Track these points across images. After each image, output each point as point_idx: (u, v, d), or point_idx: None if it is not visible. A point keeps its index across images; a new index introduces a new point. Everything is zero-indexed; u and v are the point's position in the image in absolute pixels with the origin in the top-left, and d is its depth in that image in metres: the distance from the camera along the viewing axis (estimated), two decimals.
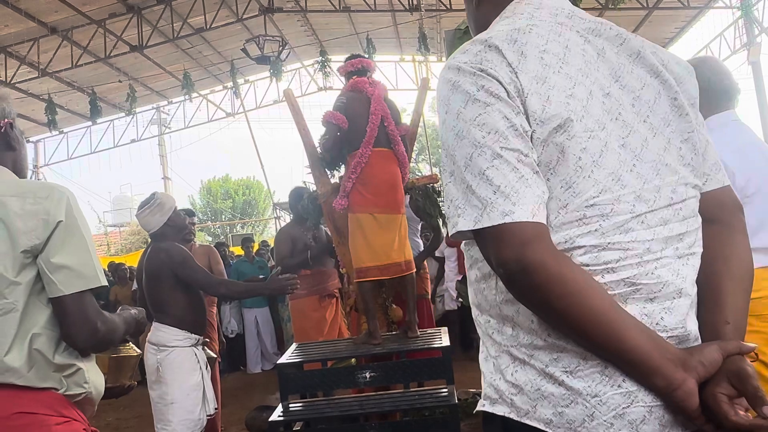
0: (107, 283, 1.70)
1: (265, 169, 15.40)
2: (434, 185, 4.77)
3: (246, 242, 8.85)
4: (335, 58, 16.06)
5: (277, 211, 19.06)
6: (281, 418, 3.45)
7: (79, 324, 1.57)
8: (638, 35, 1.17)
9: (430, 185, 4.76)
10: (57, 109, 13.58)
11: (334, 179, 4.26)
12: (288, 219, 5.69)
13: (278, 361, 3.87)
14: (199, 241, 6.22)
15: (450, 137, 1.05)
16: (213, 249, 5.75)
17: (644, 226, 1.03)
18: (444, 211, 1.10)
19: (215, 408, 3.65)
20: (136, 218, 3.72)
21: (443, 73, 1.09)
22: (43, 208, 1.56)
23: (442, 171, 1.10)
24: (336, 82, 17.52)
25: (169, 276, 3.40)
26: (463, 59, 1.06)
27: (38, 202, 1.57)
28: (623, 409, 0.98)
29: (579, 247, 1.01)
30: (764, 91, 12.62)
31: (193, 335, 3.47)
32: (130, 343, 2.14)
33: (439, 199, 4.78)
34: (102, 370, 1.78)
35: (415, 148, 9.58)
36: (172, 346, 3.37)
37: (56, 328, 1.59)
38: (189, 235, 4.40)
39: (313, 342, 4.45)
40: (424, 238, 5.60)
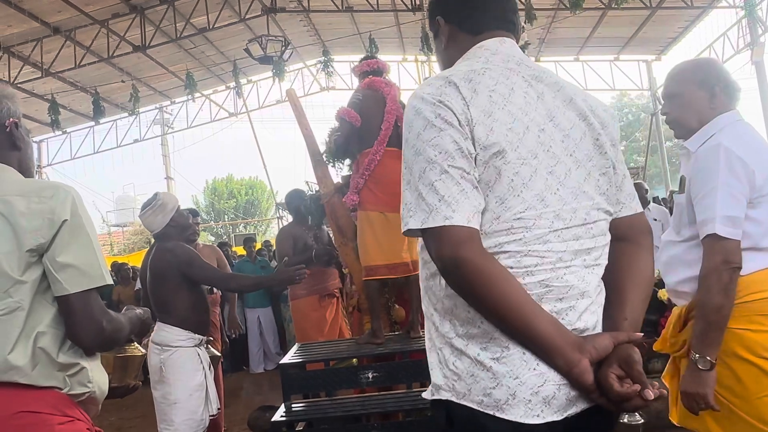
0: (112, 282, 1.70)
1: (268, 169, 15.45)
2: None
3: (248, 242, 8.86)
4: (338, 58, 16.07)
5: (280, 211, 19.06)
6: (284, 419, 3.44)
7: (84, 323, 1.57)
8: (571, 85, 1.40)
9: None
10: (60, 109, 13.59)
11: (337, 178, 4.26)
12: (290, 219, 5.68)
13: (281, 361, 3.86)
14: (202, 242, 6.21)
15: (410, 153, 1.28)
16: (218, 249, 5.76)
17: (560, 239, 1.27)
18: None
19: (218, 408, 3.64)
20: (139, 219, 3.72)
21: (410, 100, 1.32)
22: (48, 207, 1.56)
23: (402, 180, 1.31)
24: (338, 82, 17.54)
25: (175, 276, 3.40)
26: (427, 91, 1.29)
27: (43, 201, 1.57)
28: (538, 387, 1.21)
29: (506, 252, 1.25)
30: None
31: (197, 335, 3.47)
32: (134, 342, 2.14)
33: None
34: (107, 370, 1.78)
35: None
36: (176, 346, 3.37)
37: (61, 326, 1.59)
38: (193, 235, 4.40)
39: (316, 342, 4.45)
40: None
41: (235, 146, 48.99)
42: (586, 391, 1.21)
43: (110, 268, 9.67)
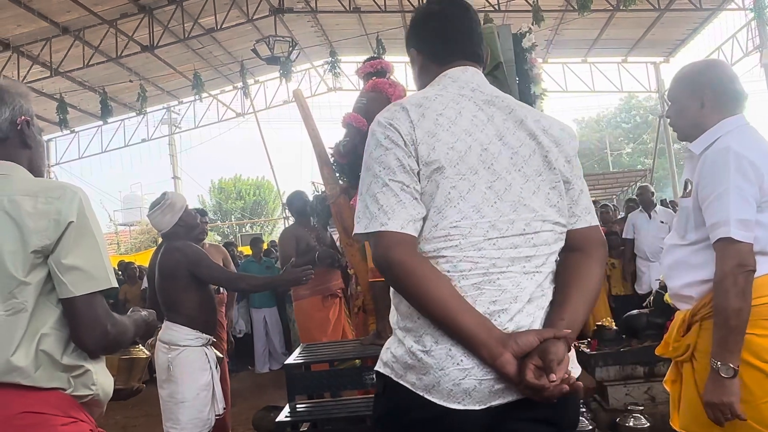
0: (117, 285, 1.69)
1: (275, 169, 15.46)
2: None
3: (256, 243, 8.87)
4: (345, 59, 16.08)
5: (286, 211, 19.10)
6: (288, 419, 3.45)
7: (89, 326, 1.56)
8: (524, 108, 1.54)
9: None
10: (68, 109, 13.67)
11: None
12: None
13: (286, 362, 3.87)
14: (208, 241, 6.23)
15: (363, 169, 1.48)
16: (224, 249, 5.77)
17: (494, 247, 1.41)
18: None
19: (224, 407, 3.65)
20: (148, 218, 3.72)
21: (371, 124, 1.50)
22: (55, 208, 1.55)
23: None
24: (345, 83, 17.55)
25: (184, 275, 3.40)
26: (383, 115, 1.48)
27: (50, 202, 1.56)
28: (460, 380, 1.35)
29: (443, 257, 1.40)
30: None
31: (204, 335, 3.47)
32: (139, 345, 2.14)
33: None
34: (111, 372, 1.76)
35: None
36: (183, 345, 3.38)
37: (65, 328, 1.58)
38: (201, 234, 4.41)
39: (321, 343, 4.45)
40: None
41: (242, 146, 49.11)
42: (510, 381, 1.33)
43: (117, 267, 9.73)
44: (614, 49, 15.77)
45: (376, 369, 1.51)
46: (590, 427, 3.79)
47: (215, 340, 3.74)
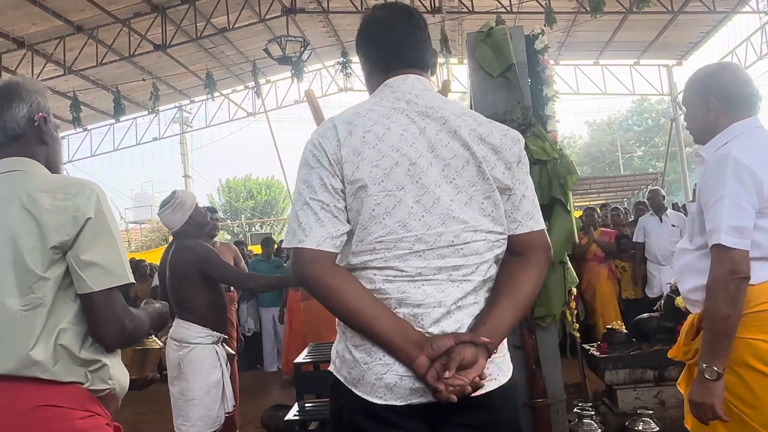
0: (135, 281, 1.71)
1: (285, 168, 15.47)
2: None
3: (266, 242, 8.89)
4: (356, 60, 16.05)
5: None
6: (297, 417, 3.47)
7: (107, 321, 1.58)
8: (462, 116, 1.54)
9: None
10: (81, 107, 13.75)
11: None
12: None
13: (295, 361, 3.89)
14: (219, 240, 6.26)
15: (295, 184, 1.53)
16: (234, 247, 5.80)
17: (420, 258, 1.46)
18: None
19: (234, 405, 3.66)
20: (158, 216, 3.75)
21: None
22: (73, 205, 1.57)
23: None
24: (357, 83, 17.55)
25: (195, 274, 3.42)
26: (316, 132, 1.54)
27: (68, 198, 1.58)
28: (382, 375, 1.43)
29: (371, 267, 1.47)
30: None
31: (215, 332, 3.49)
32: (152, 336, 2.16)
33: None
34: (125, 362, 1.79)
35: None
36: (194, 343, 3.40)
37: (83, 323, 1.60)
38: (212, 231, 4.43)
39: (330, 342, 4.46)
40: None
41: (252, 146, 49.23)
42: (424, 382, 1.40)
43: None
44: (626, 52, 15.67)
45: (328, 368, 1.61)
46: (599, 431, 3.79)
47: (226, 337, 3.76)
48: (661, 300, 4.63)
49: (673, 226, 6.82)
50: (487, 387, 1.44)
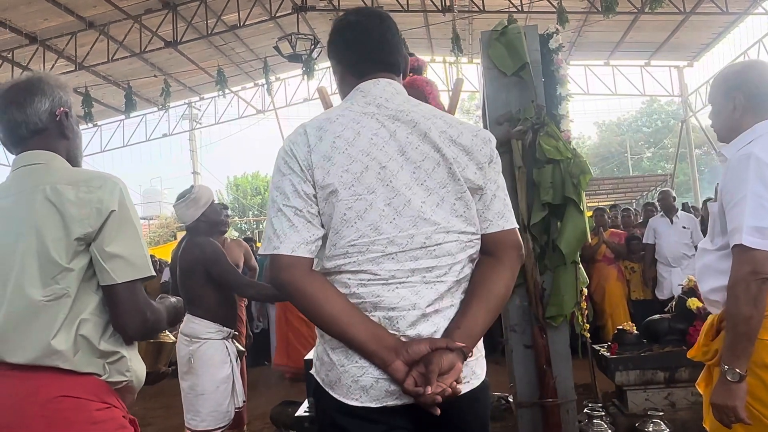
0: (155, 274, 1.73)
1: None
2: None
3: None
4: None
5: None
6: (307, 414, 3.46)
7: (130, 313, 1.60)
8: (433, 119, 1.55)
9: None
10: (92, 102, 13.82)
11: None
12: None
13: (305, 357, 3.89)
14: (229, 237, 6.27)
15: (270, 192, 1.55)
16: (245, 243, 5.81)
17: (393, 261, 1.47)
18: None
19: (243, 401, 3.67)
20: (173, 208, 3.76)
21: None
22: (97, 197, 1.59)
23: None
24: None
25: (202, 271, 3.43)
26: (288, 138, 1.54)
27: (92, 191, 1.60)
28: (358, 377, 1.46)
29: (344, 271, 1.48)
30: None
31: (225, 328, 3.50)
32: (166, 330, 2.18)
33: None
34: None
35: None
36: (205, 338, 3.41)
37: (103, 314, 1.62)
38: (224, 227, 4.44)
39: None
40: None
41: (261, 143, 49.33)
42: (399, 386, 1.42)
43: None
44: (637, 52, 15.61)
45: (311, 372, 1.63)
46: None
47: (236, 333, 3.77)
48: (673, 301, 4.60)
49: (684, 227, 6.78)
50: (461, 390, 1.45)
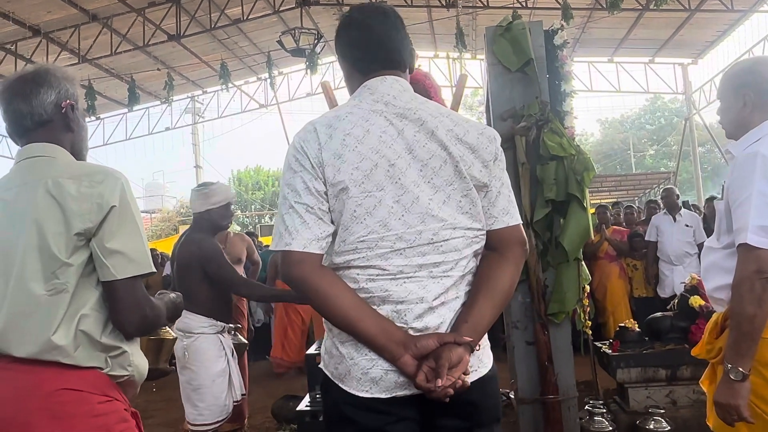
0: (155, 270, 1.72)
1: None
2: None
3: None
4: None
5: None
6: (309, 408, 3.48)
7: (129, 309, 1.60)
8: (439, 117, 1.57)
9: None
10: (95, 95, 13.81)
11: None
12: None
13: (307, 352, 3.89)
14: (232, 231, 6.27)
15: (281, 188, 1.58)
16: (247, 237, 5.81)
17: (401, 256, 1.51)
18: None
19: (242, 394, 3.68)
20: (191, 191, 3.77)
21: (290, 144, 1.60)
22: (98, 192, 1.58)
23: None
24: None
25: (198, 268, 3.45)
26: (298, 136, 1.57)
27: (93, 186, 1.59)
28: (368, 369, 1.49)
29: (354, 267, 1.52)
30: None
31: (219, 323, 3.51)
32: (167, 326, 2.17)
33: None
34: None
35: None
36: (198, 333, 3.42)
37: (104, 309, 1.61)
38: (225, 229, 4.44)
39: None
40: None
41: (264, 137, 49.31)
42: (409, 379, 1.46)
43: None
44: (641, 49, 15.56)
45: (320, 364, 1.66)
46: (610, 429, 3.77)
47: (232, 326, 3.77)
48: (675, 299, 4.60)
49: (687, 226, 6.76)
50: (468, 378, 1.48)
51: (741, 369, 1.83)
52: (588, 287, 3.61)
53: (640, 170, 31.96)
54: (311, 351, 3.83)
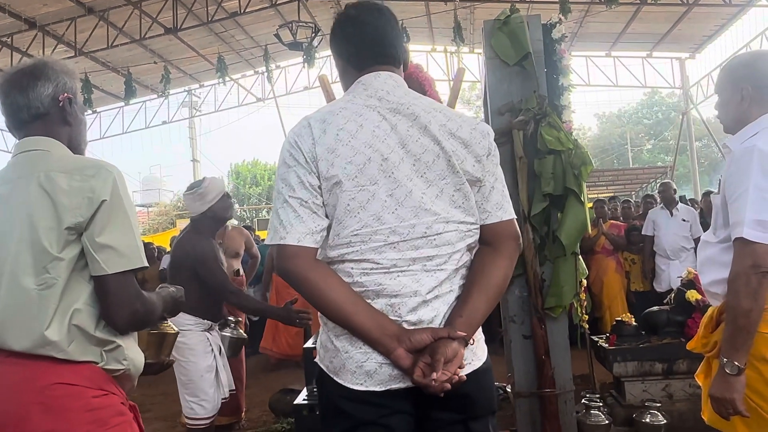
0: (148, 264, 1.71)
1: None
2: None
3: None
4: None
5: None
6: (306, 402, 3.48)
7: (119, 304, 1.59)
8: (432, 112, 1.58)
9: None
10: (92, 89, 13.77)
11: None
12: None
13: (304, 346, 3.90)
14: (231, 224, 6.26)
15: (275, 183, 1.59)
16: (246, 231, 5.79)
17: (395, 249, 1.52)
18: None
19: (230, 391, 3.67)
20: (183, 197, 3.75)
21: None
22: (89, 186, 1.57)
23: None
24: None
25: (189, 267, 3.44)
26: (292, 131, 1.59)
27: (85, 180, 1.58)
28: (362, 362, 1.50)
29: (347, 260, 1.53)
30: None
31: (205, 321, 3.51)
32: (168, 320, 2.17)
33: None
34: (141, 347, 1.79)
35: None
36: (185, 330, 3.40)
37: (97, 303, 1.60)
38: (228, 220, 4.43)
39: None
40: None
41: (261, 131, 49.23)
42: (404, 372, 1.47)
43: None
44: (639, 44, 15.55)
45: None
46: (606, 422, 3.79)
47: (233, 320, 3.76)
48: (672, 293, 4.61)
49: (684, 220, 6.76)
50: (463, 371, 1.49)
51: (737, 363, 1.83)
52: (585, 281, 3.61)
53: (637, 165, 31.99)
54: (308, 345, 3.83)
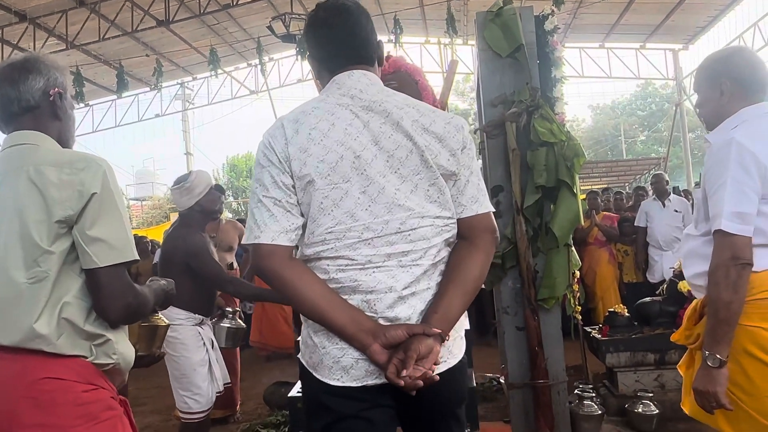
0: (139, 258, 1.71)
1: None
2: None
3: None
4: None
5: None
6: (300, 394, 3.48)
7: (111, 297, 1.59)
8: (405, 108, 1.59)
9: None
10: (83, 82, 13.68)
11: None
12: None
13: (297, 338, 3.89)
14: (224, 218, 6.25)
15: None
16: (239, 225, 5.79)
17: (369, 246, 1.53)
18: None
19: (225, 384, 3.67)
20: (170, 192, 3.72)
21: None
22: (79, 179, 1.57)
23: None
24: None
25: (180, 262, 3.42)
26: (267, 132, 1.60)
27: (74, 173, 1.58)
28: (339, 358, 1.52)
29: (323, 258, 1.55)
30: None
31: (197, 315, 3.50)
32: (159, 313, 2.17)
33: None
34: (132, 339, 1.80)
35: None
36: (176, 324, 3.39)
37: (87, 297, 1.60)
38: (218, 215, 4.42)
39: None
40: None
41: (254, 124, 49.09)
42: (380, 367, 1.48)
43: None
44: (633, 35, 15.55)
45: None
46: (599, 412, 3.81)
47: (230, 311, 3.74)
48: (664, 284, 4.63)
49: (676, 211, 6.80)
50: (437, 369, 1.50)
51: (718, 355, 1.84)
52: (578, 273, 3.63)
53: (631, 156, 32.05)
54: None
